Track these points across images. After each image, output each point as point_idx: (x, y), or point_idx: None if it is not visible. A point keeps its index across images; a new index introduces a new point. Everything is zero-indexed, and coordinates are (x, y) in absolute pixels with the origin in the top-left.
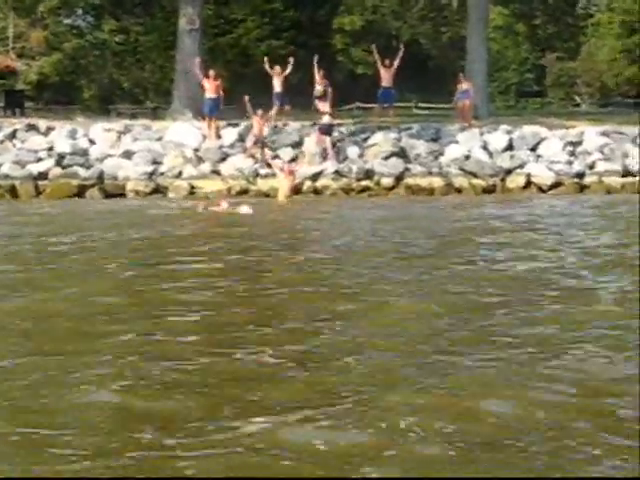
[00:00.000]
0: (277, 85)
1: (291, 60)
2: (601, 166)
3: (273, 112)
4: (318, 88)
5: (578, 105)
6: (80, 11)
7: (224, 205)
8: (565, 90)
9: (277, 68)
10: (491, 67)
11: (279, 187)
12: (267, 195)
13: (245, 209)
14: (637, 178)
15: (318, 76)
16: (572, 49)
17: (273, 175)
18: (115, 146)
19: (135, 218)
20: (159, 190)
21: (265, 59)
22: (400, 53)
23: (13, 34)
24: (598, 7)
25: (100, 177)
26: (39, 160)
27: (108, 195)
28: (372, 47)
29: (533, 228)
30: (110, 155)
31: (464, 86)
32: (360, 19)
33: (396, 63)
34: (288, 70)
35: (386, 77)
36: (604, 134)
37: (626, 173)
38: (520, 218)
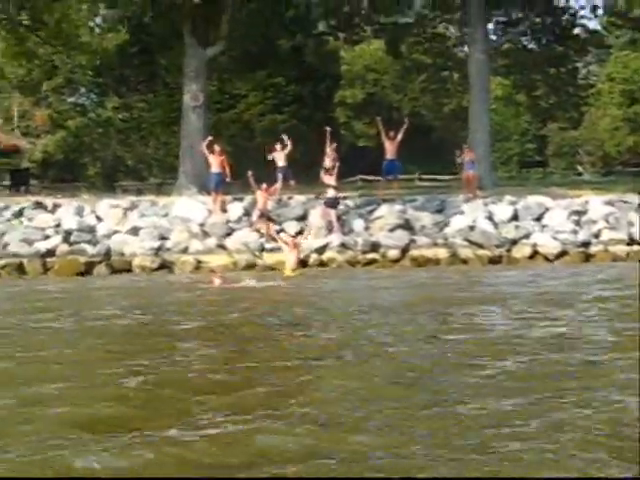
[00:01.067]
0: (280, 160)
1: (285, 137)
2: (606, 235)
3: (277, 186)
4: (327, 161)
5: (580, 174)
6: (83, 89)
7: (217, 281)
8: (567, 159)
9: (278, 145)
10: (493, 137)
11: (285, 261)
12: (273, 269)
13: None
14: None
15: (329, 149)
16: (574, 119)
17: (279, 249)
18: (122, 222)
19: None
20: (165, 265)
21: (266, 149)
22: (405, 126)
23: (17, 113)
24: (598, 77)
25: (107, 253)
26: (46, 237)
27: (115, 271)
28: (377, 120)
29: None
30: (117, 231)
31: (468, 157)
32: (361, 92)
33: (400, 136)
34: (288, 148)
35: (390, 149)
36: (609, 203)
37: (631, 241)
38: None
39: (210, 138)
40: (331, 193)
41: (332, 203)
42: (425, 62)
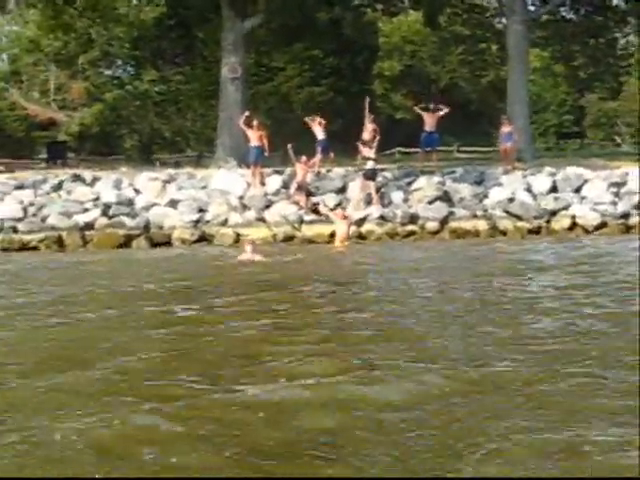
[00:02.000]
0: (319, 133)
1: (317, 117)
2: None
3: (317, 159)
4: (366, 134)
5: (619, 145)
6: (120, 62)
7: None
8: (605, 130)
9: (317, 118)
10: (531, 109)
11: (337, 232)
12: (312, 241)
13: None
14: None
15: (367, 120)
16: (612, 89)
17: (319, 221)
18: (160, 195)
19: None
20: (205, 238)
21: (306, 119)
22: (442, 112)
23: (54, 86)
24: (637, 47)
25: (146, 226)
26: (85, 210)
27: (154, 244)
28: (416, 108)
29: None
30: (156, 204)
31: (506, 129)
32: (399, 64)
33: (439, 113)
34: (322, 123)
35: (429, 122)
36: None
37: None
38: None
39: (247, 113)
40: (370, 165)
41: (371, 175)
42: (463, 33)
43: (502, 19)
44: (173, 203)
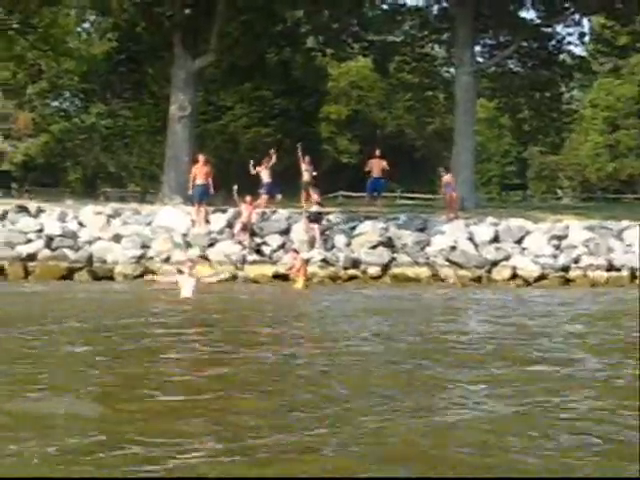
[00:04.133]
0: (265, 176)
1: (272, 152)
2: (586, 260)
3: (262, 201)
4: (306, 175)
5: (560, 198)
6: (68, 94)
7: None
8: (547, 183)
9: (266, 160)
10: (476, 159)
11: (296, 276)
12: (255, 281)
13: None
14: (621, 273)
15: (304, 163)
16: (555, 143)
17: (262, 262)
18: (104, 229)
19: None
20: (147, 274)
21: (251, 163)
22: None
23: (0, 116)
24: (581, 102)
25: (89, 260)
26: (29, 241)
27: (97, 278)
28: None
29: None
30: (99, 238)
31: (448, 178)
32: (346, 108)
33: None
34: (272, 161)
35: (376, 167)
36: (589, 228)
37: (610, 267)
38: None
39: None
40: (314, 208)
41: (315, 218)
42: (411, 81)
43: (450, 69)
44: (117, 238)
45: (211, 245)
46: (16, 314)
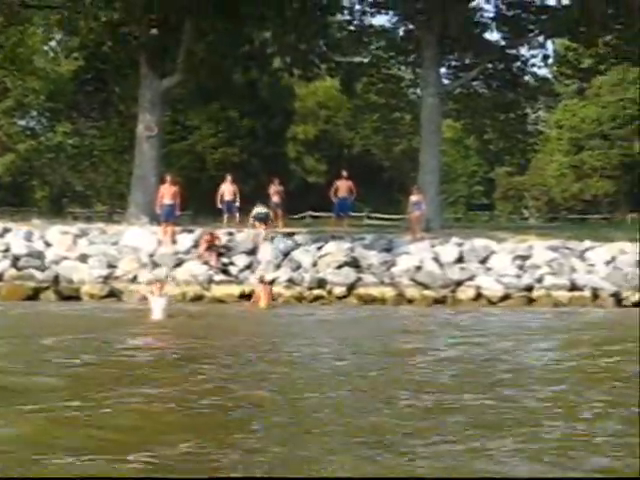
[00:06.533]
0: (227, 193)
1: (228, 178)
2: (549, 280)
3: (224, 220)
4: (275, 197)
5: (526, 219)
6: (35, 113)
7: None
8: (513, 203)
9: (228, 177)
10: (442, 179)
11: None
12: (221, 301)
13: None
14: (583, 292)
15: (273, 184)
16: (521, 164)
17: (228, 282)
18: (71, 249)
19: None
20: (114, 294)
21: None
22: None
23: None
24: (547, 124)
25: (55, 280)
26: None
27: (63, 298)
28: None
29: None
30: (66, 258)
31: (415, 198)
32: (313, 128)
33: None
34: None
35: (343, 188)
36: (552, 249)
37: (573, 287)
38: None
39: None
40: (261, 209)
41: (262, 218)
42: (378, 102)
43: (417, 90)
44: (83, 257)
45: (178, 265)
46: None
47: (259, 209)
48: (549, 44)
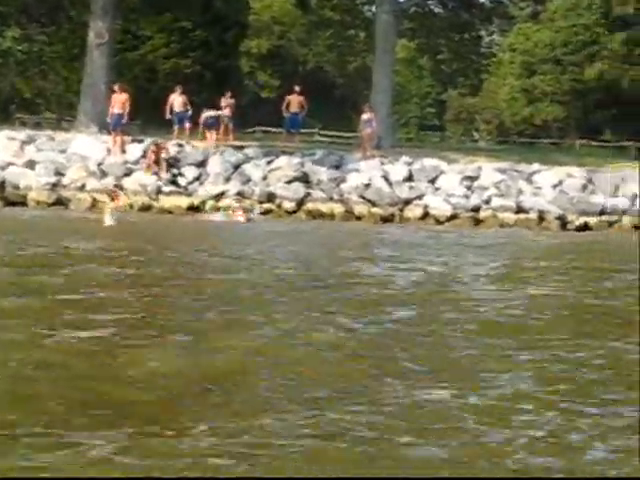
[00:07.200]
0: (177, 105)
1: (178, 89)
2: (496, 201)
3: (174, 131)
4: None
5: (476, 141)
6: None
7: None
8: (464, 126)
9: (178, 88)
10: (394, 99)
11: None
12: (170, 212)
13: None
14: (529, 215)
15: (224, 97)
16: (473, 86)
17: (177, 193)
18: (18, 155)
19: None
20: (61, 202)
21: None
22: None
23: None
24: (500, 47)
25: (2, 185)
26: None
27: (9, 203)
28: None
29: None
30: (12, 164)
31: (366, 116)
32: (267, 43)
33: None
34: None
35: (294, 103)
36: (500, 171)
37: (519, 209)
38: None
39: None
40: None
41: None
42: (333, 18)
43: (372, 7)
44: (31, 164)
45: (127, 175)
46: None
47: (209, 113)
48: None
